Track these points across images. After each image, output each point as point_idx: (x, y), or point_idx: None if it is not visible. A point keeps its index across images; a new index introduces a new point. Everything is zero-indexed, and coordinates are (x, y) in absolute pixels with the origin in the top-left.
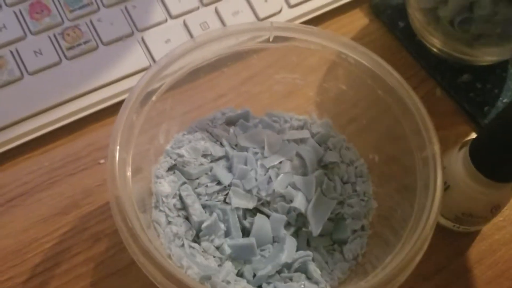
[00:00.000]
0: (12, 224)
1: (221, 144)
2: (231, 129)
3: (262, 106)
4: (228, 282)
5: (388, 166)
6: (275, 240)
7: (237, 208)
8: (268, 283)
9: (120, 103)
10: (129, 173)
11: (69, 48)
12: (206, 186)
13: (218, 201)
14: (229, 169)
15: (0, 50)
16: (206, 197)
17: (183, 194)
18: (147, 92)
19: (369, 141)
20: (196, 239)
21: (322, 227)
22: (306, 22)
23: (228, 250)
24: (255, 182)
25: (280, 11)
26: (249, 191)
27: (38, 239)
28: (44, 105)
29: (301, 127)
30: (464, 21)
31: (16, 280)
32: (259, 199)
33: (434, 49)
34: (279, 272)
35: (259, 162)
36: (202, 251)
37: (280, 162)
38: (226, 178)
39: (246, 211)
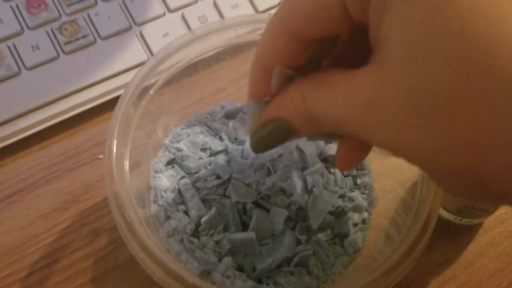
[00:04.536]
0: (11, 220)
1: (220, 138)
2: (230, 123)
3: None
4: (228, 277)
5: (389, 158)
6: (275, 234)
7: (237, 202)
8: (268, 278)
9: (118, 98)
10: (127, 168)
11: (67, 43)
12: (205, 180)
13: (217, 195)
14: (229, 163)
15: None
16: (205, 191)
17: (182, 188)
18: (144, 86)
19: None
20: (196, 233)
21: (323, 221)
22: None
23: (227, 245)
24: (255, 176)
25: (280, 3)
26: (249, 185)
27: (37, 235)
28: (42, 100)
29: None
30: None
31: (16, 276)
32: (259, 193)
33: None
34: (279, 266)
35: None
36: (202, 246)
37: (280, 156)
38: (225, 172)
39: (245, 205)
